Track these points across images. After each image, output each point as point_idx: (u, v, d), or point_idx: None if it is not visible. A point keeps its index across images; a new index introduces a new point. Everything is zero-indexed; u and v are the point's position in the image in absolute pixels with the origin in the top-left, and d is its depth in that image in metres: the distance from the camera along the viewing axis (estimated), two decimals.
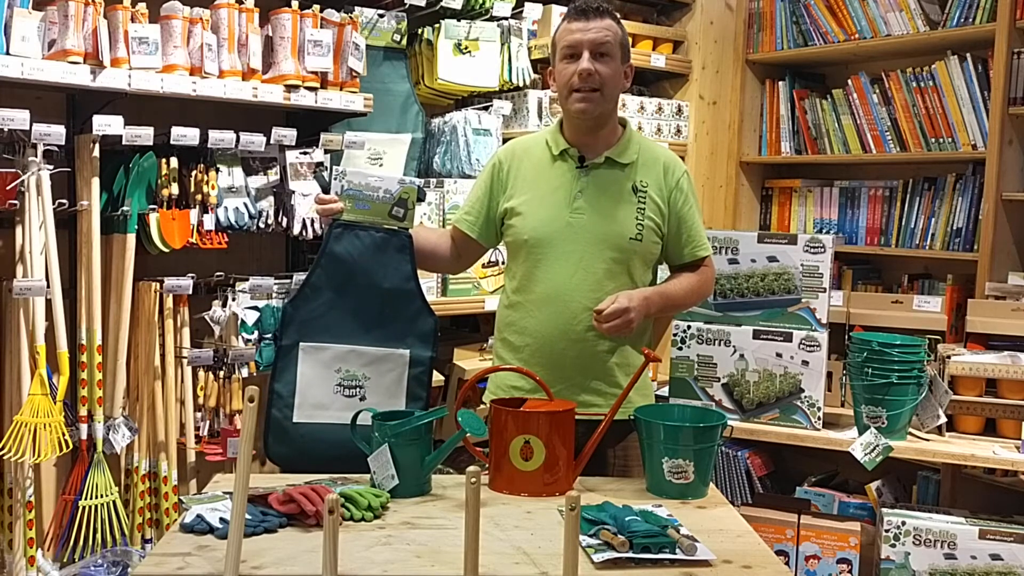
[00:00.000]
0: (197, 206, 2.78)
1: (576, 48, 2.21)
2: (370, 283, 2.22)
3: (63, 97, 2.75)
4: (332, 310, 2.21)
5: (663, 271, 2.45)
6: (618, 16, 2.30)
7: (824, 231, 4.04)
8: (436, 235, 2.50)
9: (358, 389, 2.21)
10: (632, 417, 2.10)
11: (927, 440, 2.98)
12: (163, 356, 2.79)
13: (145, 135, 2.59)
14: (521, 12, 3.50)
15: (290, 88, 2.81)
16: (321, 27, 2.87)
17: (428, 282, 3.04)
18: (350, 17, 2.94)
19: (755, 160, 4.24)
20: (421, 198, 2.30)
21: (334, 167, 2.27)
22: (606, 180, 2.27)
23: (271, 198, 2.94)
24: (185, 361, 2.80)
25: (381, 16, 3.16)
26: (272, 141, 2.84)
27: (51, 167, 2.52)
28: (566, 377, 2.25)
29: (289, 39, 2.81)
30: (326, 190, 2.27)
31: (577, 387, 2.24)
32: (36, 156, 2.48)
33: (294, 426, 2.20)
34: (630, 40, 2.37)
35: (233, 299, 2.90)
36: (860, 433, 2.98)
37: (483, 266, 3.23)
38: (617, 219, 2.24)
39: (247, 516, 1.68)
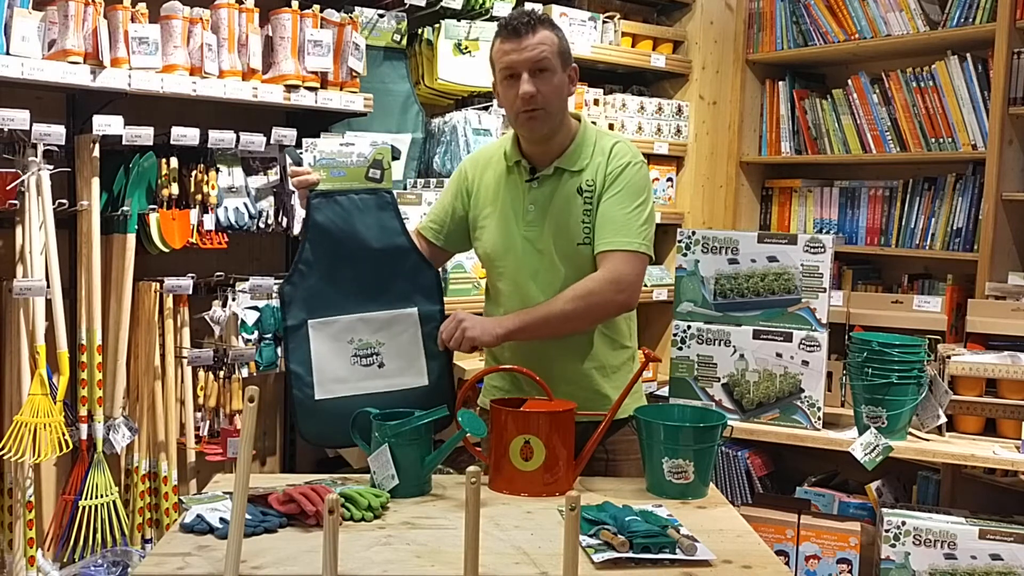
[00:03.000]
0: (197, 206, 2.78)
1: (513, 69, 2.12)
2: (361, 247, 2.16)
3: (63, 97, 2.75)
4: (331, 282, 2.15)
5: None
6: (550, 20, 2.20)
7: (824, 231, 4.04)
8: None
9: (375, 356, 2.17)
10: (631, 416, 2.10)
11: (927, 440, 2.98)
12: (163, 356, 2.79)
13: (145, 135, 2.59)
14: None
15: (290, 88, 2.81)
16: (321, 27, 2.87)
17: None
18: (350, 17, 2.94)
19: (755, 160, 4.24)
20: (396, 156, 2.26)
21: (304, 139, 2.22)
22: (555, 189, 2.20)
23: (271, 198, 2.94)
24: (185, 361, 2.80)
25: (381, 16, 3.16)
26: (272, 141, 2.84)
27: (51, 167, 2.52)
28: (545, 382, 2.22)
29: (289, 39, 2.81)
30: (299, 164, 2.22)
31: (557, 393, 2.18)
32: (36, 156, 2.48)
33: (317, 404, 2.14)
34: (568, 46, 2.22)
35: (233, 299, 2.90)
36: (860, 433, 2.98)
37: (482, 266, 3.23)
38: (566, 227, 2.18)
39: (247, 516, 1.68)
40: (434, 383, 2.19)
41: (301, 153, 2.18)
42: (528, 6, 3.50)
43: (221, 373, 2.89)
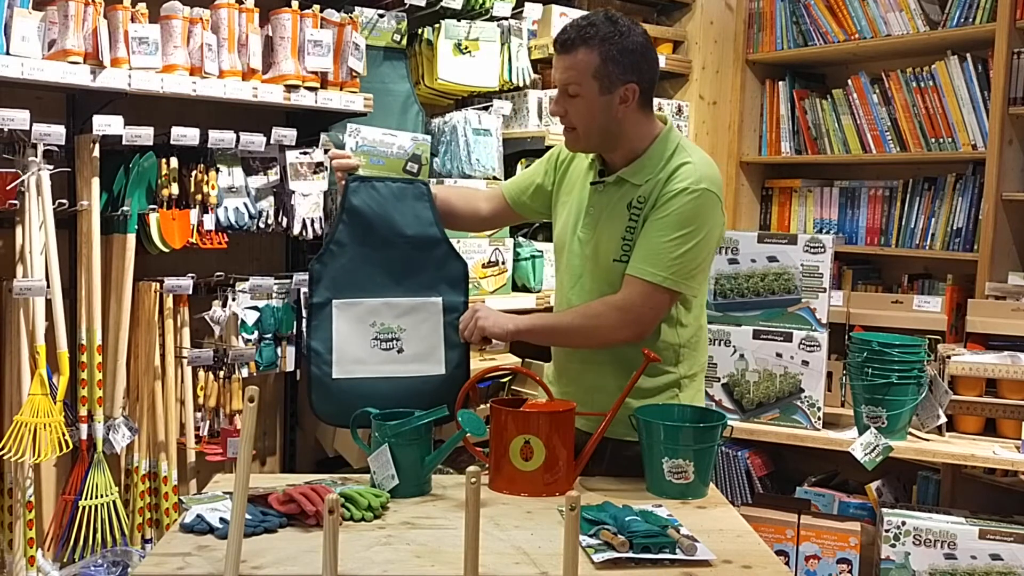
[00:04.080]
0: (197, 206, 2.78)
1: (554, 82, 2.12)
2: (393, 233, 2.19)
3: (63, 97, 2.75)
4: (360, 264, 2.18)
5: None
6: (600, 35, 2.03)
7: (824, 231, 4.04)
8: (464, 193, 2.47)
9: (395, 342, 2.19)
10: (631, 417, 2.09)
11: (927, 440, 2.98)
12: (163, 356, 2.79)
13: (145, 135, 2.59)
14: (521, 12, 3.50)
15: (290, 88, 2.81)
16: (321, 27, 2.87)
17: None
18: (350, 17, 2.94)
19: (755, 160, 4.24)
20: (434, 152, 2.27)
21: (347, 123, 2.21)
22: (613, 199, 2.15)
23: (271, 198, 2.94)
24: (185, 361, 2.80)
25: (381, 16, 3.16)
26: (272, 141, 2.84)
27: (51, 167, 2.52)
28: (574, 381, 2.24)
29: (289, 39, 2.81)
30: (340, 147, 2.23)
31: (583, 390, 2.19)
32: (36, 156, 2.48)
33: (334, 382, 2.16)
34: (617, 63, 2.04)
35: (233, 299, 2.90)
36: (860, 433, 2.98)
37: (483, 266, 3.23)
38: (607, 239, 2.14)
39: (247, 516, 1.68)
40: (450, 373, 2.21)
41: (344, 137, 2.19)
42: (528, 6, 3.52)
43: (221, 373, 2.88)
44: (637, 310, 2.06)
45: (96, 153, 2.60)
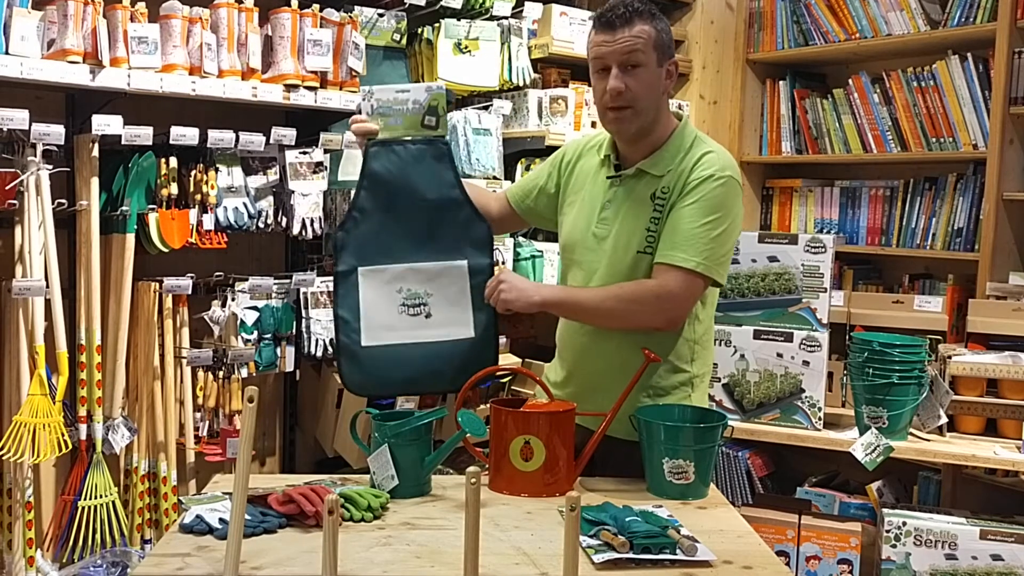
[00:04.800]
0: (196, 206, 2.77)
1: (604, 62, 2.06)
2: (415, 197, 2.16)
3: (62, 97, 2.75)
4: (383, 230, 2.15)
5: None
6: (651, 11, 2.07)
7: (825, 231, 4.04)
8: (486, 196, 2.45)
9: (422, 307, 2.16)
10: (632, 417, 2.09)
11: (928, 440, 2.98)
12: (162, 356, 2.79)
13: (144, 135, 2.59)
14: (521, 11, 3.49)
15: (290, 88, 2.81)
16: (321, 26, 2.87)
17: None
18: (350, 16, 2.94)
19: (756, 160, 4.24)
20: (451, 101, 2.26)
21: (361, 87, 2.19)
22: (633, 191, 2.14)
23: (270, 198, 2.94)
24: (184, 361, 2.80)
25: (381, 15, 3.15)
26: (272, 141, 2.84)
27: (50, 167, 2.52)
28: (590, 384, 2.20)
29: (289, 39, 2.81)
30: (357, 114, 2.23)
31: (600, 392, 2.15)
32: (35, 156, 2.48)
33: (364, 350, 2.14)
34: (669, 39, 2.11)
35: (232, 299, 2.90)
36: (861, 433, 2.97)
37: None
38: (630, 232, 2.12)
39: (246, 516, 1.67)
40: (480, 335, 2.18)
41: (359, 102, 2.17)
42: (528, 5, 3.51)
43: (220, 373, 2.88)
44: (675, 298, 2.05)
45: (95, 153, 2.60)
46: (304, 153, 2.92)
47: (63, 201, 2.58)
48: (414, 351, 2.12)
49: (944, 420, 3.00)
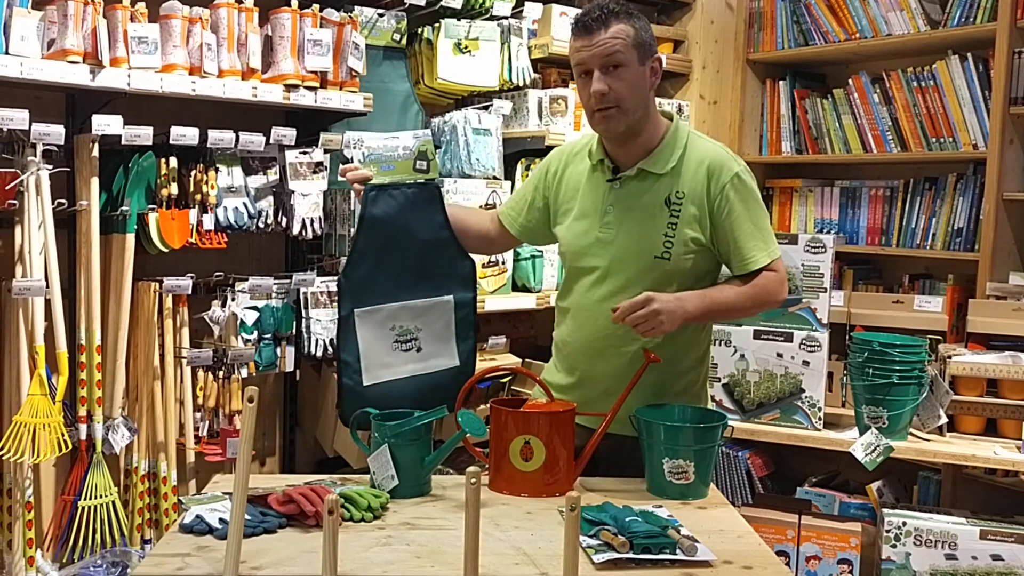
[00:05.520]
0: (196, 206, 2.77)
1: (586, 66, 2.08)
2: (410, 239, 2.24)
3: (62, 97, 2.75)
4: (379, 272, 2.23)
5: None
6: (627, 10, 2.10)
7: (825, 231, 4.04)
8: (475, 216, 2.47)
9: (414, 341, 2.27)
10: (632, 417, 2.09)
11: (928, 440, 2.98)
12: (162, 356, 2.79)
13: (144, 135, 2.59)
14: (521, 11, 3.49)
15: (290, 88, 2.81)
16: (321, 26, 2.87)
17: None
18: (350, 16, 2.94)
19: (756, 160, 4.24)
20: (437, 146, 2.31)
21: (347, 133, 2.25)
22: (637, 193, 2.15)
23: (270, 198, 2.94)
24: (184, 361, 2.80)
25: (381, 15, 3.15)
26: (272, 141, 2.83)
27: (50, 167, 2.51)
28: (602, 388, 2.19)
29: (289, 38, 2.81)
30: (347, 162, 2.29)
31: (614, 396, 2.12)
32: (35, 156, 2.48)
33: (366, 389, 2.22)
34: (649, 36, 2.12)
35: (232, 299, 2.89)
36: (861, 433, 2.97)
37: (483, 266, 3.23)
38: (644, 236, 2.12)
39: (246, 516, 1.67)
40: (464, 363, 2.31)
41: (349, 151, 2.24)
42: (528, 5, 3.51)
43: (220, 373, 2.88)
44: (784, 283, 2.19)
45: (95, 153, 2.60)
46: (304, 153, 2.91)
47: (63, 201, 2.58)
48: (409, 383, 2.23)
49: (944, 420, 3.00)
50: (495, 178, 3.32)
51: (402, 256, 2.24)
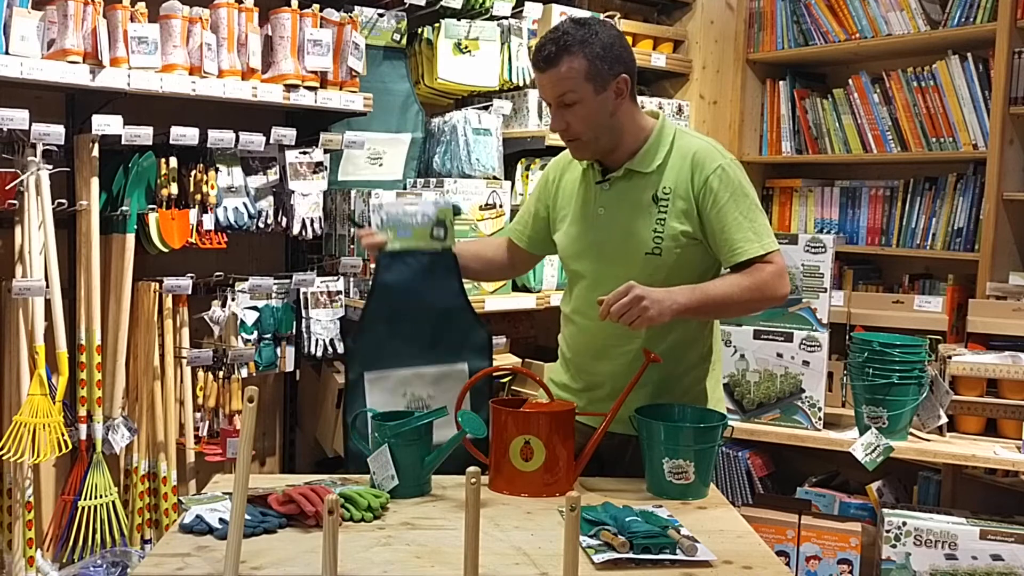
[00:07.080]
0: (196, 206, 2.77)
1: (545, 99, 2.11)
2: (423, 306, 2.23)
3: (62, 97, 2.75)
4: (391, 338, 2.22)
5: None
6: (580, 40, 2.03)
7: (825, 231, 4.04)
8: (491, 247, 2.48)
9: (424, 408, 2.20)
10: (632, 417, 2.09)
11: (928, 440, 2.98)
12: (162, 356, 2.79)
13: (144, 135, 2.59)
14: (521, 11, 3.49)
15: (290, 88, 2.81)
16: (321, 26, 2.87)
17: None
18: (350, 16, 2.94)
19: (756, 160, 4.24)
20: (457, 213, 2.31)
21: (371, 198, 2.21)
22: (626, 193, 2.15)
23: (270, 198, 2.94)
24: (184, 361, 2.80)
25: (381, 15, 3.15)
26: (272, 141, 2.83)
27: (50, 167, 2.51)
28: (607, 390, 2.19)
29: (289, 38, 2.81)
30: (362, 226, 2.28)
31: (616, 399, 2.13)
32: (35, 156, 2.48)
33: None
34: (603, 62, 2.04)
35: (232, 299, 2.89)
36: (861, 433, 2.97)
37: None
38: (634, 234, 2.13)
39: (246, 516, 1.67)
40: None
41: (369, 214, 2.21)
42: (528, 5, 3.51)
43: (220, 373, 2.88)
44: (784, 274, 2.11)
45: (95, 153, 2.60)
46: (304, 153, 2.91)
47: (63, 201, 2.58)
48: None
49: (944, 420, 3.00)
50: (495, 178, 3.32)
51: (415, 322, 2.22)
